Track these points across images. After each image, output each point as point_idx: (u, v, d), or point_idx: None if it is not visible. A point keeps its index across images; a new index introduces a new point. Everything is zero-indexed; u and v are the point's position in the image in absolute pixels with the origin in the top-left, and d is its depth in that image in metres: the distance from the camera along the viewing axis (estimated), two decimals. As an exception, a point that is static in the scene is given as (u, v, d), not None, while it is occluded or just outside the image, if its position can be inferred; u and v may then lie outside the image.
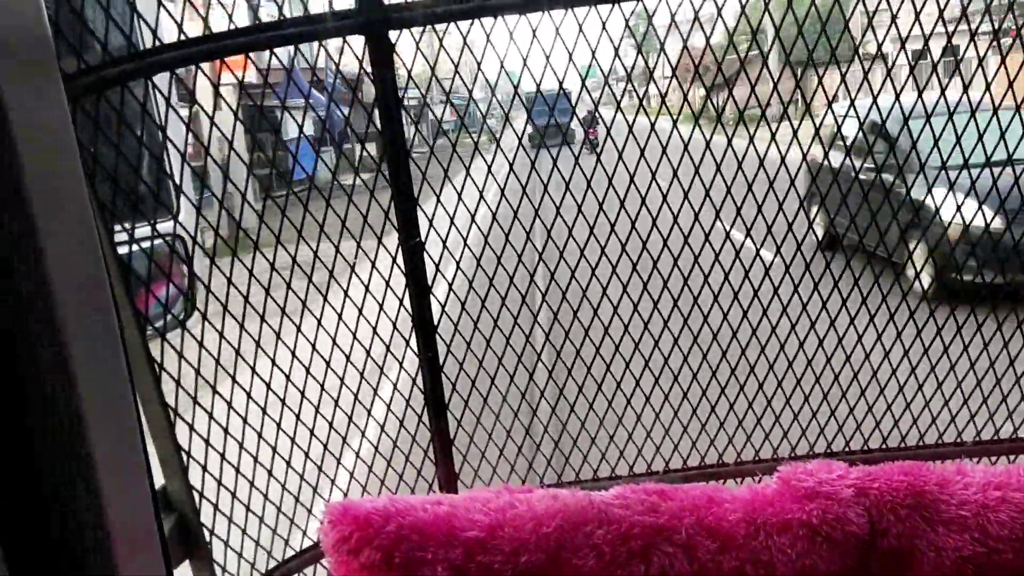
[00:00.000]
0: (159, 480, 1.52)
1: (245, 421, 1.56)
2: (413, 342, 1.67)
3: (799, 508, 1.35)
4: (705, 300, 1.68)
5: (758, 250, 1.63)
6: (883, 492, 1.36)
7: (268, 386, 1.55)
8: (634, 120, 1.58)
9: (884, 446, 1.68)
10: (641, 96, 1.79)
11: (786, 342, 1.69)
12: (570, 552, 1.31)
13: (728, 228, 1.62)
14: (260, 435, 1.57)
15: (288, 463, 1.63)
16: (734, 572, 1.32)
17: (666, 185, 1.57)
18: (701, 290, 1.65)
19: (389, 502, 1.36)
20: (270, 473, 1.60)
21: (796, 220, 1.57)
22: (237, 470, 1.56)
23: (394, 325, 1.64)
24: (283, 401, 1.60)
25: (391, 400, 1.71)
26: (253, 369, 1.55)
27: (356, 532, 1.32)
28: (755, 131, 1.56)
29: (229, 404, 1.51)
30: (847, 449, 1.72)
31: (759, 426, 1.75)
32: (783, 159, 1.50)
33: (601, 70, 1.69)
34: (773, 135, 1.52)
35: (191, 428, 1.48)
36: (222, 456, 1.55)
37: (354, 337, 1.62)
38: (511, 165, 1.61)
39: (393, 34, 1.43)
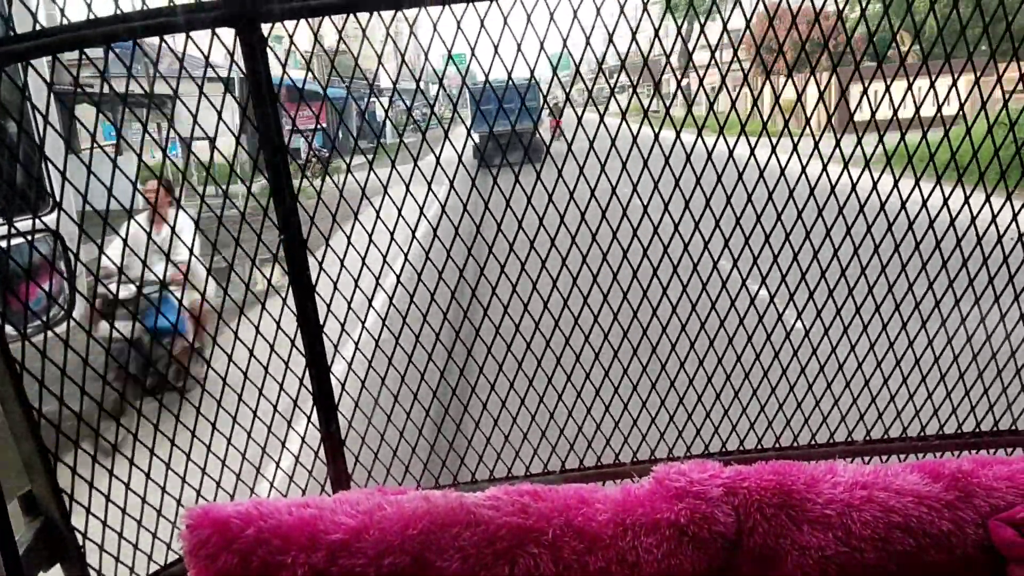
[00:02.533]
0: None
1: (119, 423, 1.52)
2: (299, 341, 1.64)
3: (668, 508, 1.35)
4: (580, 303, 1.67)
5: (646, 252, 1.62)
6: (752, 491, 1.37)
7: (143, 386, 1.52)
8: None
9: (760, 447, 1.69)
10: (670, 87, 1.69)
11: (658, 344, 1.69)
12: (435, 554, 1.29)
13: (614, 228, 1.61)
14: (136, 437, 1.53)
15: (168, 465, 1.60)
16: (600, 572, 1.31)
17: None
18: (589, 292, 1.64)
19: (253, 505, 1.34)
20: (147, 476, 1.56)
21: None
22: (111, 472, 1.52)
23: (278, 325, 1.60)
24: (160, 402, 1.57)
25: (277, 401, 1.68)
26: (126, 370, 1.51)
27: (214, 536, 1.29)
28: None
29: (99, 405, 1.47)
30: (726, 449, 1.73)
31: (635, 427, 1.75)
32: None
33: (554, 63, 1.63)
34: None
35: (58, 431, 1.44)
36: (93, 458, 1.51)
37: (235, 336, 1.59)
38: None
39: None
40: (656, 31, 1.55)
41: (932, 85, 1.42)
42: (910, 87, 1.39)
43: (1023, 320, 1.67)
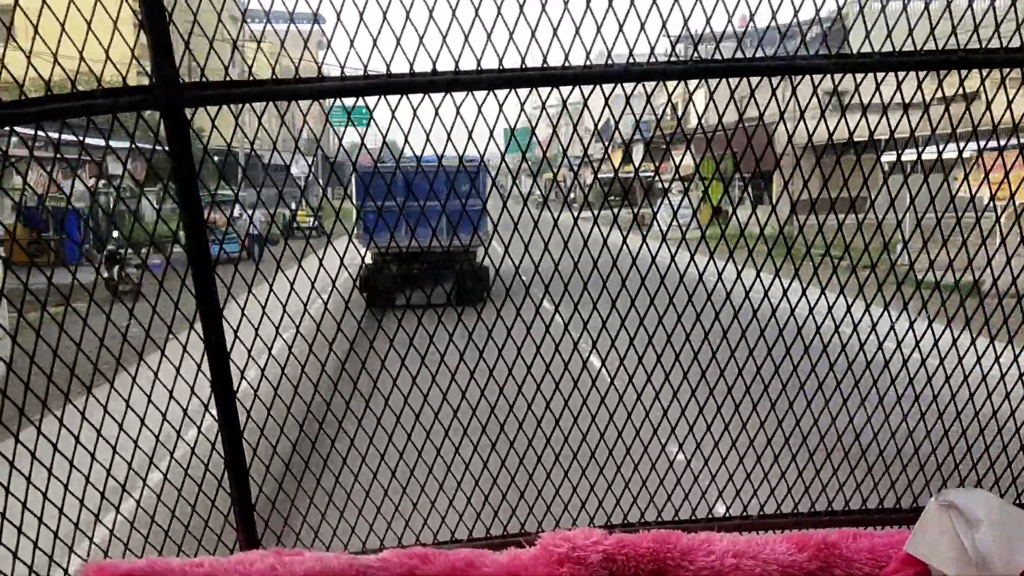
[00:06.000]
0: None
1: (12, 463, 1.54)
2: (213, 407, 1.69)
3: (550, 572, 1.42)
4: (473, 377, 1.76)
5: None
6: (629, 558, 1.44)
7: (40, 431, 1.55)
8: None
9: (642, 520, 1.77)
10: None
11: (541, 420, 1.78)
12: None
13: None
14: (29, 479, 1.55)
15: (54, 531, 1.61)
16: None
17: None
18: (477, 365, 1.73)
19: (147, 564, 1.38)
20: (33, 539, 1.58)
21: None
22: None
23: (191, 389, 1.66)
24: (50, 471, 1.58)
25: (189, 465, 1.72)
26: (24, 413, 1.55)
27: None
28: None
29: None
30: (610, 523, 1.81)
31: (522, 500, 1.82)
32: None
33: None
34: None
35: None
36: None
37: (149, 400, 1.64)
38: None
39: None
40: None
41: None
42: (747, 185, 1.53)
43: (900, 404, 1.80)
